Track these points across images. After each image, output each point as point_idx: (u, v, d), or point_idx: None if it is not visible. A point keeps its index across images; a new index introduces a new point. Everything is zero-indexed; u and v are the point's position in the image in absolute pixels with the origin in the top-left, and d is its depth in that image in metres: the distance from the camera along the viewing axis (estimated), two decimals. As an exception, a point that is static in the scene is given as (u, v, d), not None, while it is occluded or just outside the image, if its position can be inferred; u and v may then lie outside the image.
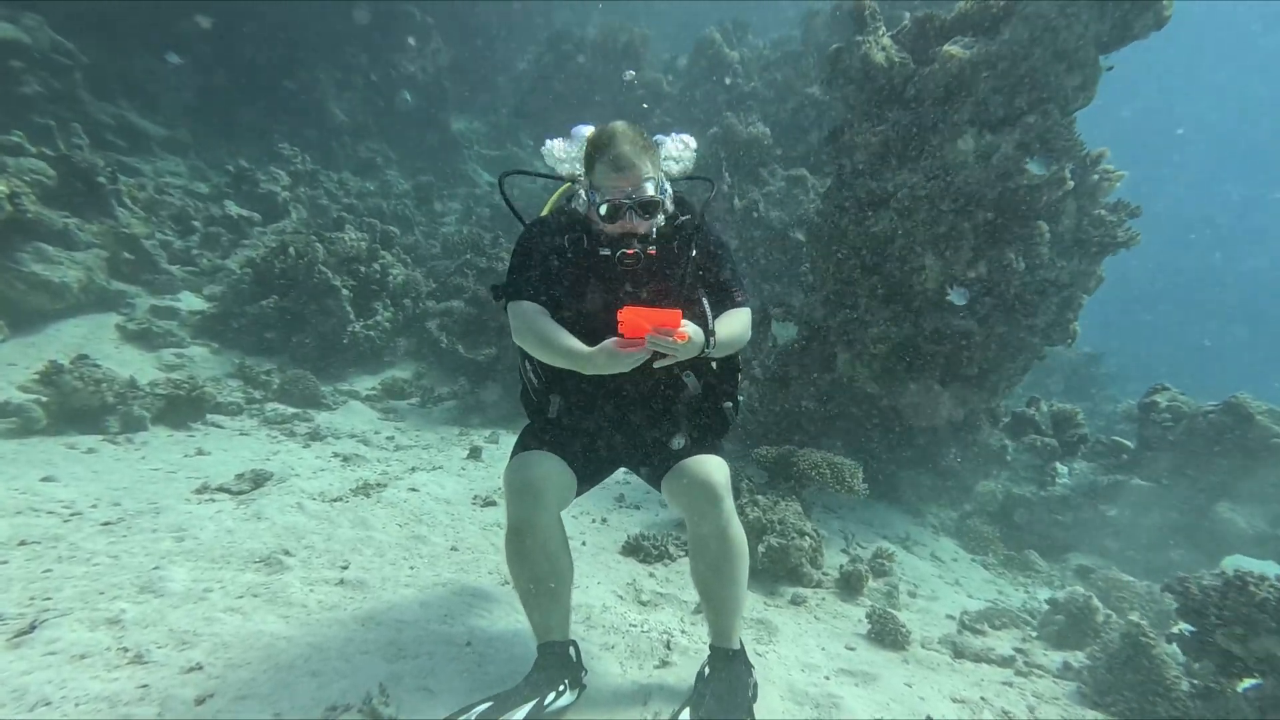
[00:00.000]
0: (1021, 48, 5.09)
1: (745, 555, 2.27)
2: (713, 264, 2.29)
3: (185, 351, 6.78)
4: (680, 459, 2.27)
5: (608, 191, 2.09)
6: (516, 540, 2.20)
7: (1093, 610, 3.93)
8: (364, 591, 2.96)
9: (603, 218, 2.12)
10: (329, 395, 6.76)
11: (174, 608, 2.54)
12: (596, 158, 2.12)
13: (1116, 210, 5.91)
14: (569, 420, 2.34)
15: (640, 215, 2.12)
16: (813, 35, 12.51)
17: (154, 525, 3.29)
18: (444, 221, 12.17)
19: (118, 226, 7.41)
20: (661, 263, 2.21)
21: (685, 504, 2.25)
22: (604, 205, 2.09)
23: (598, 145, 2.13)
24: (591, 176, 2.15)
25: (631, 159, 2.07)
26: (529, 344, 2.15)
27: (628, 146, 2.08)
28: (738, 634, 2.36)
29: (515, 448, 2.36)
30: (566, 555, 2.31)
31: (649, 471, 2.41)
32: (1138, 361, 19.32)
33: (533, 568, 2.20)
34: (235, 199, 9.57)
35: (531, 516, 2.18)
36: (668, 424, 2.36)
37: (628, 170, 2.07)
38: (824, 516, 5.42)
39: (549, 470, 2.21)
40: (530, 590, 2.23)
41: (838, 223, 5.52)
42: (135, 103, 10.40)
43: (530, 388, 2.39)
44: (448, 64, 14.82)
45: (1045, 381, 12.87)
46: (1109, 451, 7.07)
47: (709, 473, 2.21)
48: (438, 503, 4.17)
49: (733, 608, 2.29)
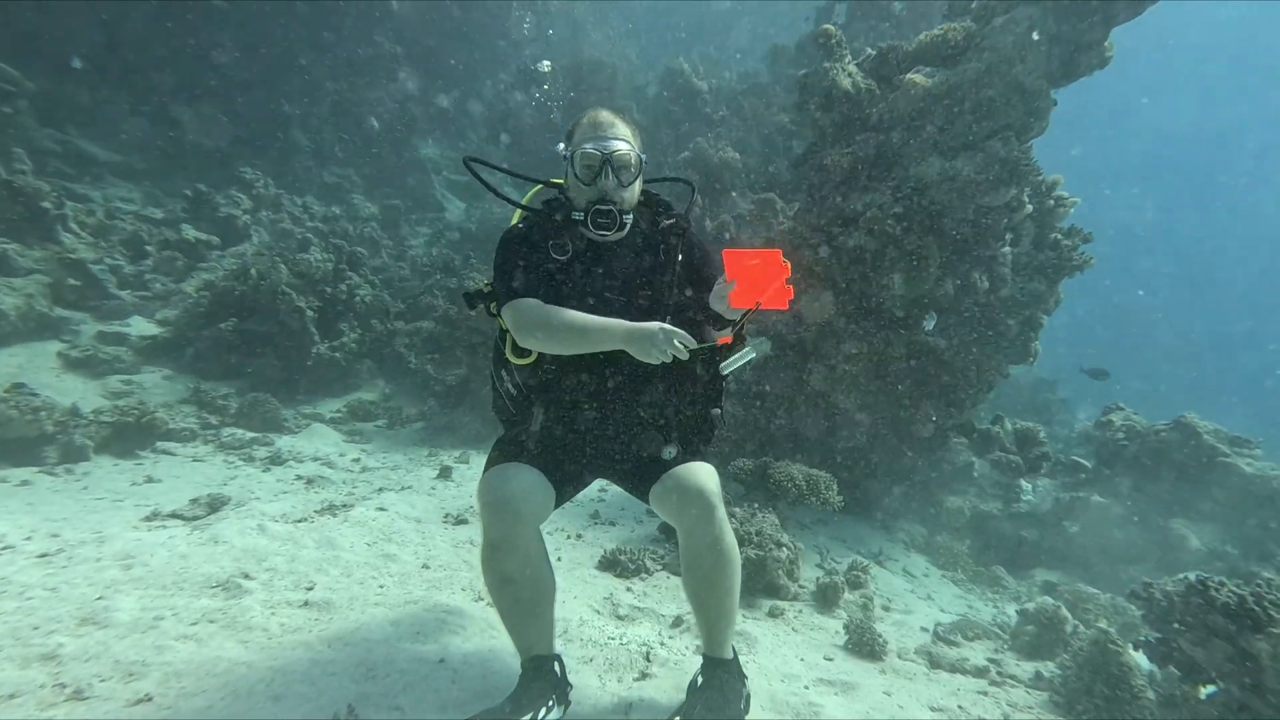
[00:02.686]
0: (980, 78, 5.31)
1: (738, 564, 2.23)
2: (699, 267, 2.29)
3: (134, 378, 6.52)
4: (669, 468, 2.22)
5: (584, 146, 2.12)
6: (495, 557, 2.11)
7: (1061, 620, 3.98)
8: (330, 612, 2.83)
9: (579, 176, 2.14)
10: (291, 419, 6.56)
11: (120, 638, 2.39)
12: (576, 127, 2.20)
13: (1071, 235, 6.16)
14: (552, 431, 2.28)
15: (617, 176, 2.12)
16: (779, 69, 12.91)
17: (98, 554, 3.09)
18: (411, 245, 12.06)
19: (63, 252, 7.17)
20: (649, 265, 2.20)
21: (677, 514, 2.19)
22: (580, 158, 2.12)
23: (579, 118, 2.22)
24: (570, 146, 2.18)
25: (611, 119, 2.16)
26: (541, 337, 2.07)
27: (605, 113, 2.18)
28: (730, 643, 2.31)
29: (489, 460, 2.28)
30: (548, 569, 2.23)
31: (635, 482, 2.33)
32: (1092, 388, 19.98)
33: (513, 585, 2.11)
34: (193, 223, 9.34)
35: (510, 532, 2.09)
36: (655, 432, 2.31)
37: (605, 127, 2.14)
38: (798, 532, 5.41)
39: (526, 483, 2.13)
40: (511, 607, 2.14)
41: (808, 241, 5.63)
42: (86, 130, 10.13)
43: (508, 398, 2.34)
44: (416, 91, 14.86)
45: (1003, 405, 13.20)
46: (1068, 470, 7.25)
47: (701, 481, 2.17)
48: (408, 521, 4.04)
49: (726, 617, 2.24)
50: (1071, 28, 5.23)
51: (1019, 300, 5.82)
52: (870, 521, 6.16)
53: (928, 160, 5.34)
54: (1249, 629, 2.80)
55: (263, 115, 12.28)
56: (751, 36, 21.40)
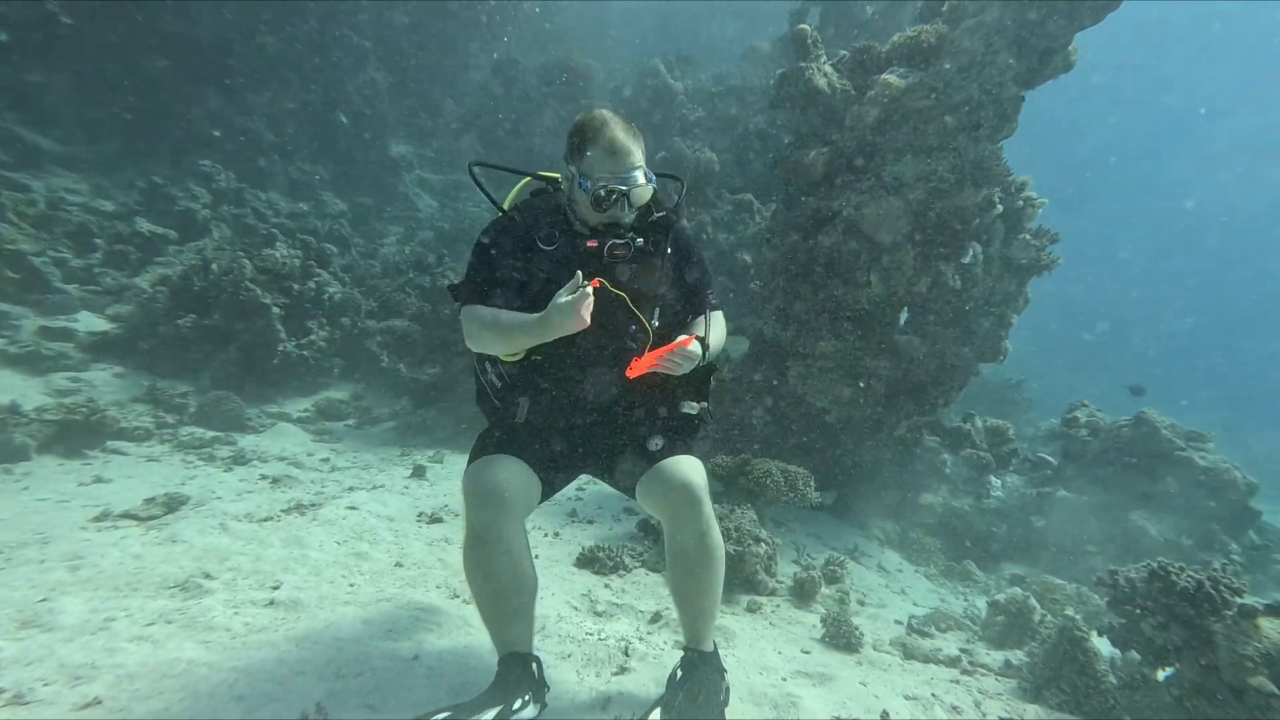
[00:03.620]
0: (952, 79, 5.38)
1: (722, 559, 2.20)
2: (687, 263, 2.27)
3: (82, 375, 6.23)
4: (655, 461, 2.19)
5: (601, 178, 2.03)
6: (478, 548, 2.04)
7: (1030, 610, 4.04)
8: (298, 611, 2.73)
9: (593, 205, 2.06)
10: (255, 418, 6.36)
11: (66, 641, 2.26)
12: (588, 145, 2.05)
13: (1039, 235, 6.28)
14: (537, 422, 2.23)
15: (630, 205, 2.07)
16: (754, 69, 12.99)
17: (41, 556, 2.94)
18: (383, 243, 11.84)
19: (0, 242, 6.84)
20: (640, 257, 2.16)
21: (664, 507, 2.15)
22: (599, 192, 2.03)
23: (588, 132, 2.06)
24: (580, 164, 2.07)
25: (627, 144, 2.04)
26: (485, 342, 2.06)
27: (621, 133, 2.04)
28: (711, 636, 2.28)
29: (474, 451, 2.21)
30: (530, 564, 2.17)
31: (621, 475, 2.29)
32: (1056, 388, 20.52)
33: (495, 578, 2.05)
34: (147, 216, 9.00)
35: (494, 523, 2.03)
36: (641, 424, 2.28)
37: (623, 156, 2.03)
38: (774, 529, 5.41)
39: (512, 474, 2.08)
40: (492, 602, 2.08)
41: (786, 239, 5.65)
42: (25, 115, 9.69)
43: (492, 390, 2.28)
44: (387, 87, 14.61)
45: (970, 404, 13.44)
46: (1035, 466, 7.40)
47: (687, 474, 2.13)
48: (380, 520, 3.93)
49: (708, 611, 2.21)
50: (1038, 32, 5.33)
51: (990, 299, 5.91)
52: (845, 518, 6.20)
53: (902, 160, 5.40)
54: (1206, 612, 2.87)
55: (226, 107, 11.94)
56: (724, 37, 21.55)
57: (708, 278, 2.31)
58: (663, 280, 2.20)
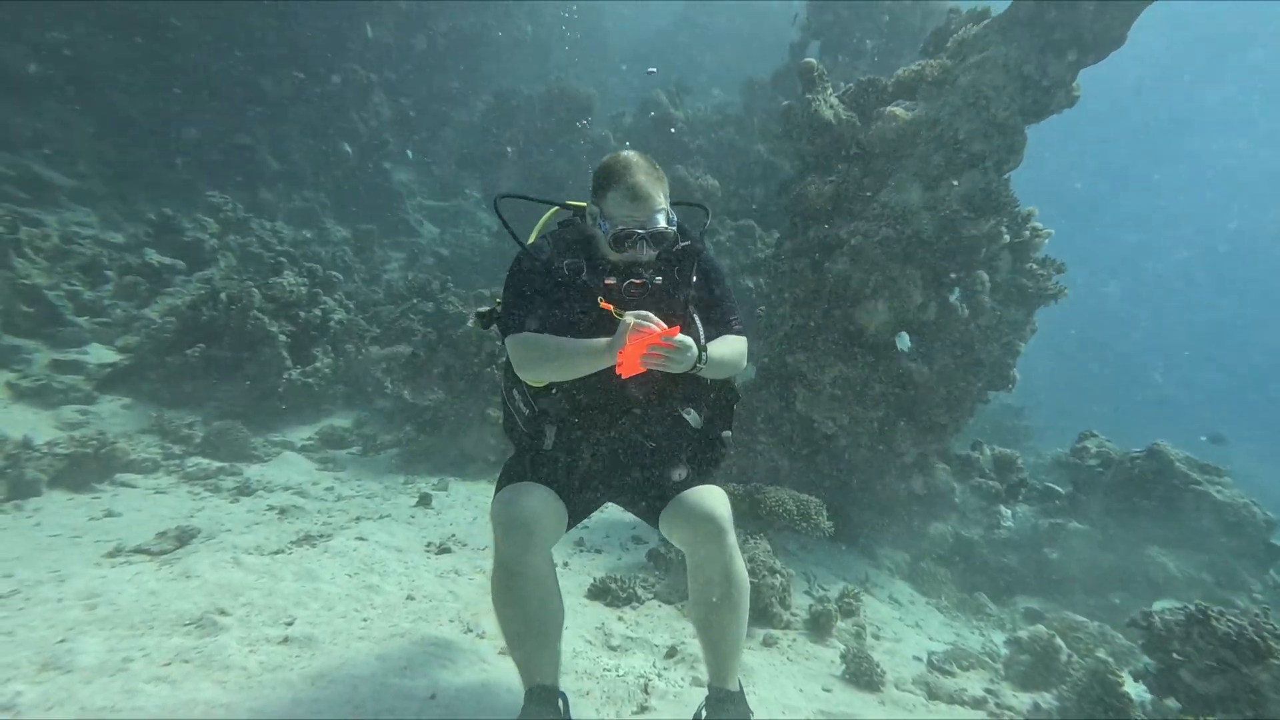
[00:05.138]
0: (957, 113, 5.47)
1: (747, 592, 2.18)
2: (711, 292, 2.27)
3: (91, 408, 6.22)
4: (678, 491, 2.18)
5: (620, 221, 2.05)
6: (507, 579, 2.04)
7: (1056, 650, 3.96)
8: (312, 648, 2.68)
9: (612, 246, 2.08)
10: (260, 447, 6.30)
11: (86, 683, 2.22)
12: (610, 186, 2.08)
13: (1045, 265, 6.33)
14: (563, 450, 2.23)
15: (651, 246, 2.08)
16: (755, 101, 13.19)
17: (58, 594, 2.88)
18: (386, 270, 11.89)
19: (14, 277, 6.86)
20: (662, 289, 2.16)
21: (688, 539, 2.15)
22: (617, 235, 2.04)
23: (611, 174, 2.09)
24: (602, 204, 2.10)
25: (647, 189, 2.05)
26: (539, 370, 2.06)
27: (643, 177, 2.06)
28: (736, 675, 2.24)
29: (502, 479, 2.21)
30: (558, 595, 2.16)
31: (645, 505, 2.29)
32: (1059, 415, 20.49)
33: (524, 608, 2.04)
34: (156, 247, 9.05)
35: (524, 554, 2.03)
36: (665, 454, 2.27)
37: (643, 201, 2.04)
38: (784, 559, 5.36)
39: (541, 503, 2.08)
40: (520, 632, 2.06)
41: (794, 266, 5.68)
42: (41, 154, 9.81)
43: (520, 417, 2.27)
44: (390, 117, 14.81)
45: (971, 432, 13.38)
46: (1041, 497, 7.34)
47: (711, 506, 2.13)
48: (389, 551, 3.88)
49: (733, 646, 2.18)
50: (1042, 68, 5.43)
51: (997, 328, 5.93)
52: (854, 548, 6.13)
53: (909, 190, 5.46)
54: (1250, 659, 2.80)
55: (229, 139, 12.07)
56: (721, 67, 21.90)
57: (731, 305, 2.31)
58: (689, 308, 2.20)
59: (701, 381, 2.25)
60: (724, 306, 2.27)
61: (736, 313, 2.31)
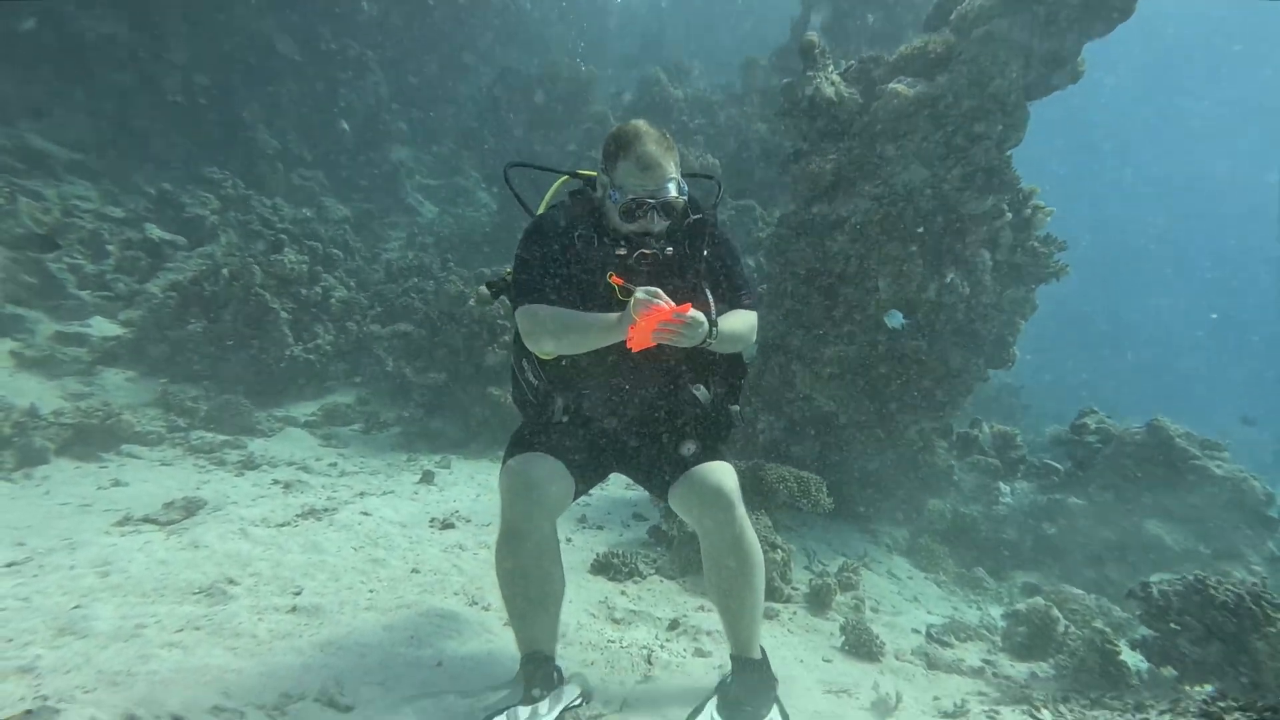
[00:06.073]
0: (960, 89, 5.42)
1: (761, 562, 2.22)
2: (722, 266, 2.26)
3: (96, 379, 6.26)
4: (688, 466, 2.20)
5: (630, 190, 2.03)
6: (512, 544, 2.08)
7: (1053, 621, 4.01)
8: (320, 617, 2.73)
9: (622, 216, 2.06)
10: (264, 421, 6.36)
11: (101, 648, 2.27)
12: (620, 156, 2.06)
13: (1047, 243, 6.30)
14: (573, 422, 2.25)
15: (661, 215, 2.07)
16: (753, 81, 13.04)
17: (71, 562, 2.94)
18: (386, 248, 11.85)
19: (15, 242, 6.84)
20: (674, 262, 2.16)
21: (697, 513, 2.18)
22: (627, 204, 2.03)
23: (621, 143, 2.07)
24: (612, 174, 2.08)
25: (657, 159, 2.03)
26: (550, 341, 2.06)
27: (653, 146, 2.04)
28: (758, 643, 2.29)
29: (510, 448, 2.24)
30: (559, 566, 2.20)
31: (654, 480, 2.32)
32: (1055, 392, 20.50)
33: (525, 575, 2.08)
34: (157, 222, 9.02)
35: (529, 521, 2.07)
36: (674, 428, 2.29)
37: (653, 170, 2.03)
38: (784, 535, 5.41)
39: (549, 473, 2.11)
40: (520, 597, 2.11)
41: (795, 245, 5.67)
42: (39, 125, 9.71)
43: (530, 389, 2.28)
44: (388, 95, 14.65)
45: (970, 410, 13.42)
46: (1040, 473, 7.38)
47: (720, 480, 2.16)
48: (394, 526, 3.92)
49: (751, 615, 2.22)
50: (1047, 43, 5.37)
51: (998, 305, 5.93)
52: (853, 524, 6.19)
53: (911, 168, 5.43)
54: (1249, 628, 2.84)
55: (227, 116, 11.96)
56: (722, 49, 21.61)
57: (742, 279, 2.30)
58: (699, 284, 2.19)
59: (711, 356, 2.25)
60: (735, 280, 2.26)
61: (748, 286, 2.30)
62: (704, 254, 2.19)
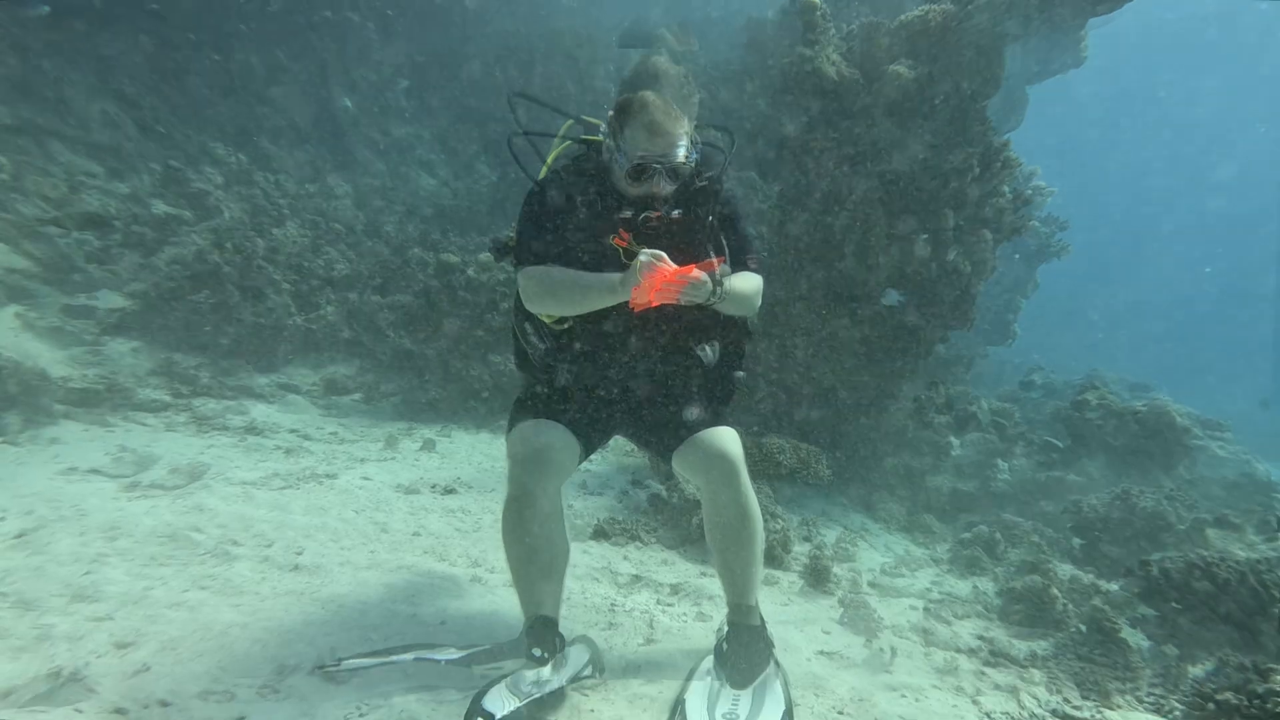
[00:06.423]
0: (963, 68, 5.34)
1: (761, 528, 2.25)
2: (731, 228, 2.24)
3: (102, 349, 6.29)
4: (693, 431, 2.21)
5: (638, 153, 2.00)
6: (519, 509, 2.09)
7: (1051, 600, 4.02)
8: (322, 576, 2.78)
9: (629, 178, 2.04)
10: (266, 389, 6.40)
11: (113, 612, 2.32)
12: (628, 121, 2.03)
13: (1049, 223, 6.27)
14: (577, 386, 2.25)
15: (669, 179, 2.05)
16: (755, 50, 12.79)
17: (80, 528, 2.97)
18: (386, 220, 11.81)
19: (22, 221, 6.84)
20: (681, 225, 2.14)
21: (702, 478, 2.20)
22: (634, 167, 2.00)
23: (629, 111, 2.04)
24: (619, 138, 2.05)
25: (666, 125, 1.99)
26: (552, 303, 2.06)
27: (660, 115, 2.00)
28: (756, 606, 2.30)
29: (515, 413, 2.25)
30: (563, 531, 2.22)
31: (658, 444, 2.33)
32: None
33: (532, 540, 2.10)
34: (163, 197, 9.02)
35: (535, 486, 2.08)
36: (679, 390, 2.29)
37: (661, 135, 1.99)
38: (783, 507, 5.45)
39: (556, 438, 2.13)
40: (525, 560, 2.12)
41: (794, 220, 5.64)
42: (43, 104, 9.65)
43: (533, 353, 2.27)
44: (393, 72, 14.50)
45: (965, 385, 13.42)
46: (1041, 450, 7.39)
47: (725, 445, 2.17)
48: (395, 491, 3.97)
49: (751, 579, 2.24)
50: (1049, 20, 5.25)
51: (1000, 284, 5.92)
52: (851, 498, 6.23)
53: (910, 148, 5.37)
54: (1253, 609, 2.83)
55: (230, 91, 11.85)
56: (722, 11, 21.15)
57: (749, 242, 2.28)
58: (705, 247, 2.18)
59: (715, 318, 2.25)
60: (742, 243, 2.25)
61: (754, 251, 2.29)
62: (710, 218, 2.17)
